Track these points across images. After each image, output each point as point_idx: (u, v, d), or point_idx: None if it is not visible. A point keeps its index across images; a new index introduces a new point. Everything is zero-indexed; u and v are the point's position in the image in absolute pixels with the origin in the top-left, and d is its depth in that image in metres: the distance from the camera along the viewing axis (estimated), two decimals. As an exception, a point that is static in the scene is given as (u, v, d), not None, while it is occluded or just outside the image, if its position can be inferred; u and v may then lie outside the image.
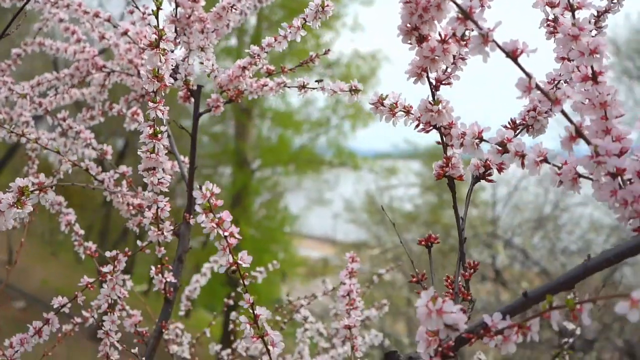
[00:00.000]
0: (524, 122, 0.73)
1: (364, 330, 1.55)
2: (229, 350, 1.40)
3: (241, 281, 0.69)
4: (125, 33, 1.09)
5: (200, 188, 0.65)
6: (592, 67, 0.57)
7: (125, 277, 1.28)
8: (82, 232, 1.15)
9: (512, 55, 0.53)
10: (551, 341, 6.69)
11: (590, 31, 0.75)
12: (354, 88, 0.89)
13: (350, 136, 11.70)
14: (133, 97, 1.25)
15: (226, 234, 0.66)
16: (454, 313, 0.53)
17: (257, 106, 11.67)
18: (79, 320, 1.18)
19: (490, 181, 0.71)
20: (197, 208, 0.66)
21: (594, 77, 0.57)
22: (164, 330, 1.04)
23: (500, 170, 0.71)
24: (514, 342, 0.54)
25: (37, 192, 0.71)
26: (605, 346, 6.40)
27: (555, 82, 0.72)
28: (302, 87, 1.00)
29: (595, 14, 0.77)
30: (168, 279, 1.02)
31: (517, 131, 0.73)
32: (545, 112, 0.71)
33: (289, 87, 1.03)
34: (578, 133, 0.55)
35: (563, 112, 0.55)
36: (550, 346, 6.36)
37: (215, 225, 0.66)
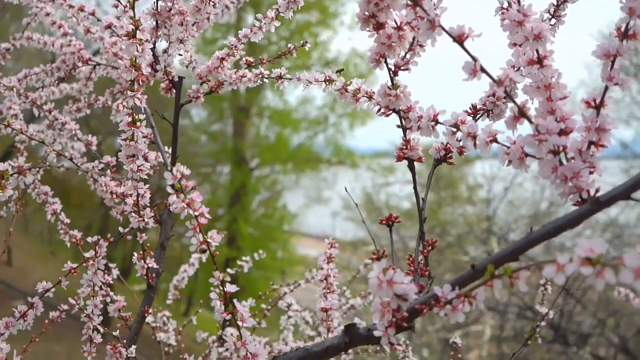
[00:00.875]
0: (484, 107, 0.76)
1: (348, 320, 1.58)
2: (214, 337, 1.43)
3: (212, 260, 0.72)
4: (108, 26, 1.12)
5: (171, 170, 0.68)
6: (537, 51, 0.60)
7: (111, 265, 1.31)
8: (67, 220, 1.17)
9: (459, 39, 0.57)
10: (546, 338, 6.73)
11: (550, 19, 0.79)
12: (328, 79, 0.92)
13: (348, 134, 11.74)
14: (118, 90, 1.28)
15: (196, 213, 0.69)
16: (404, 284, 0.56)
17: (255, 105, 11.71)
18: (65, 307, 1.21)
19: (451, 164, 0.75)
20: (169, 189, 0.69)
21: (540, 61, 0.60)
22: (146, 315, 1.07)
23: (461, 153, 0.74)
24: (462, 312, 0.57)
25: (16, 175, 0.74)
26: (600, 342, 6.44)
27: (515, 68, 0.76)
28: (279, 77, 1.04)
29: (555, 2, 0.80)
30: (150, 265, 1.05)
31: (478, 116, 0.76)
32: (504, 98, 0.74)
33: (266, 78, 1.06)
34: (521, 113, 0.58)
35: (506, 93, 0.58)
36: (545, 343, 6.40)
37: (185, 206, 0.69)
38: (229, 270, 1.40)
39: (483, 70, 0.57)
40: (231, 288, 0.72)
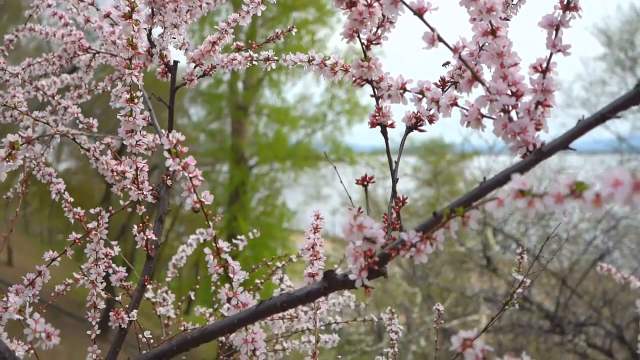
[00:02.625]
0: (451, 79, 0.83)
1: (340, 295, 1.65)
2: (211, 310, 1.51)
3: (206, 219, 0.80)
4: (107, 15, 1.19)
5: (168, 136, 0.76)
6: (490, 23, 0.67)
7: (113, 243, 1.39)
8: (71, 199, 1.25)
9: (419, 12, 0.64)
10: (542, 328, 6.82)
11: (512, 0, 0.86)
12: (310, 59, 1.00)
13: (346, 132, 11.83)
14: (117, 76, 1.35)
15: (191, 175, 0.76)
16: (372, 228, 0.63)
17: (253, 103, 11.79)
18: (70, 281, 1.29)
19: (422, 131, 0.82)
20: (165, 153, 0.76)
21: (493, 32, 0.67)
22: (146, 284, 1.14)
23: (430, 121, 0.82)
24: (425, 253, 0.64)
25: (25, 145, 0.81)
26: (597, 331, 6.53)
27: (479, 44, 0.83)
28: (267, 59, 1.11)
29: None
30: (149, 237, 1.12)
31: (446, 87, 0.83)
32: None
33: (255, 60, 1.13)
34: (475, 77, 0.65)
35: (460, 58, 0.65)
36: (541, 333, 6.49)
37: (181, 168, 0.76)
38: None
39: (440, 39, 0.64)
40: (223, 245, 0.80)
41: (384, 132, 0.80)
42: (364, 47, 0.75)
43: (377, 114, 0.78)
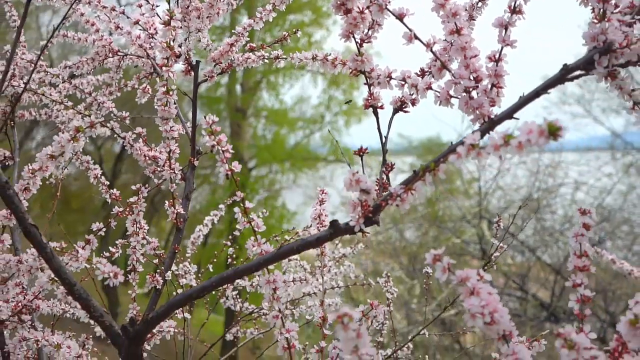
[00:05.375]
0: (428, 69, 1.02)
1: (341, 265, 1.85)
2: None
3: (235, 184, 0.99)
4: (136, 22, 1.39)
5: (206, 117, 0.95)
6: (455, 24, 0.87)
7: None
8: (107, 182, 1.44)
9: (400, 17, 0.84)
10: (538, 317, 7.02)
11: (477, 3, 1.06)
12: (314, 56, 1.19)
13: (344, 132, 12.03)
14: (143, 75, 1.54)
15: (224, 149, 0.96)
16: (367, 182, 0.83)
17: (251, 106, 11.99)
18: (107, 254, 1.48)
19: (406, 112, 1.01)
20: (203, 131, 0.96)
21: (458, 31, 0.87)
22: (176, 251, 1.33)
23: (413, 104, 1.01)
24: (408, 202, 0.83)
25: (89, 128, 1.00)
26: (592, 321, 6.73)
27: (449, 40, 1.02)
28: (277, 58, 1.31)
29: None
30: (178, 211, 1.31)
31: (425, 75, 1.02)
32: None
33: (267, 59, 1.33)
34: (443, 66, 0.85)
35: (432, 52, 0.85)
36: (536, 322, 6.69)
37: (216, 143, 0.96)
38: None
39: (416, 37, 0.84)
40: (249, 205, 0.99)
41: (375, 113, 0.99)
42: (357, 45, 0.95)
43: (369, 98, 0.97)
